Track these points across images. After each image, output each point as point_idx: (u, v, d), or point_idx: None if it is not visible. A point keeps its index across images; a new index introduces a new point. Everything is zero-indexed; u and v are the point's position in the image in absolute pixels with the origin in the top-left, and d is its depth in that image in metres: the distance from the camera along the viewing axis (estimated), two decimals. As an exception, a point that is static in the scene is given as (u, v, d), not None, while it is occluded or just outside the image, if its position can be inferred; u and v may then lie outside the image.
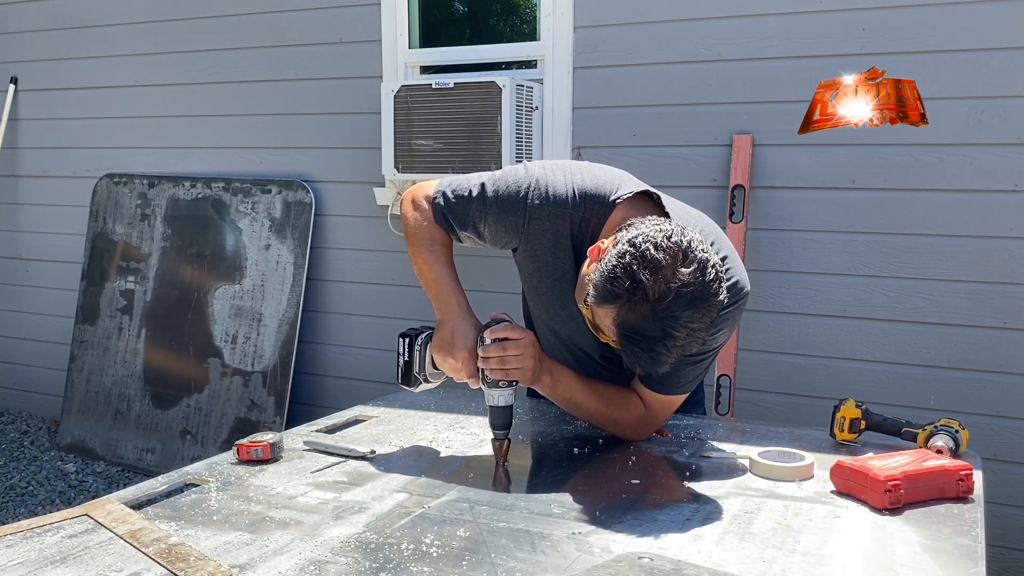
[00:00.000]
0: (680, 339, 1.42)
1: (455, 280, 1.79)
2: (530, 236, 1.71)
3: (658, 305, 1.39)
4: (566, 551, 1.26)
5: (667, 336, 1.41)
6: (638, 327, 1.41)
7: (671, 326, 1.40)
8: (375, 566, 1.21)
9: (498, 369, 1.63)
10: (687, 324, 1.41)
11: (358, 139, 3.79)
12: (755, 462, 1.61)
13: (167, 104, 4.23)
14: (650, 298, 1.39)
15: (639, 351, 1.43)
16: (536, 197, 1.69)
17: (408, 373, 1.78)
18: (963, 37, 2.81)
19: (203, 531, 1.33)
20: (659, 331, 1.40)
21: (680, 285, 1.39)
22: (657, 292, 1.39)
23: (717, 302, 1.44)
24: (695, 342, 1.45)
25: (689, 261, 1.41)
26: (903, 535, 1.32)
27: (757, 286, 3.12)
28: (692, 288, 1.40)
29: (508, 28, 3.94)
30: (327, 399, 3.92)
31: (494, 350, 1.62)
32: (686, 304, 1.40)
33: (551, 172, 1.72)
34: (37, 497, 3.81)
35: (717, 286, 1.44)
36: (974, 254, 2.88)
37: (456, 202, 1.77)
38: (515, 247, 1.77)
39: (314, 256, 3.91)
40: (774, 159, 3.09)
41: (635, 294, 1.40)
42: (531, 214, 1.69)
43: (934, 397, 2.94)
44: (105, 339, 4.29)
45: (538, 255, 1.74)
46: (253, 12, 3.98)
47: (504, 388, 1.65)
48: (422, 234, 1.81)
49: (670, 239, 1.43)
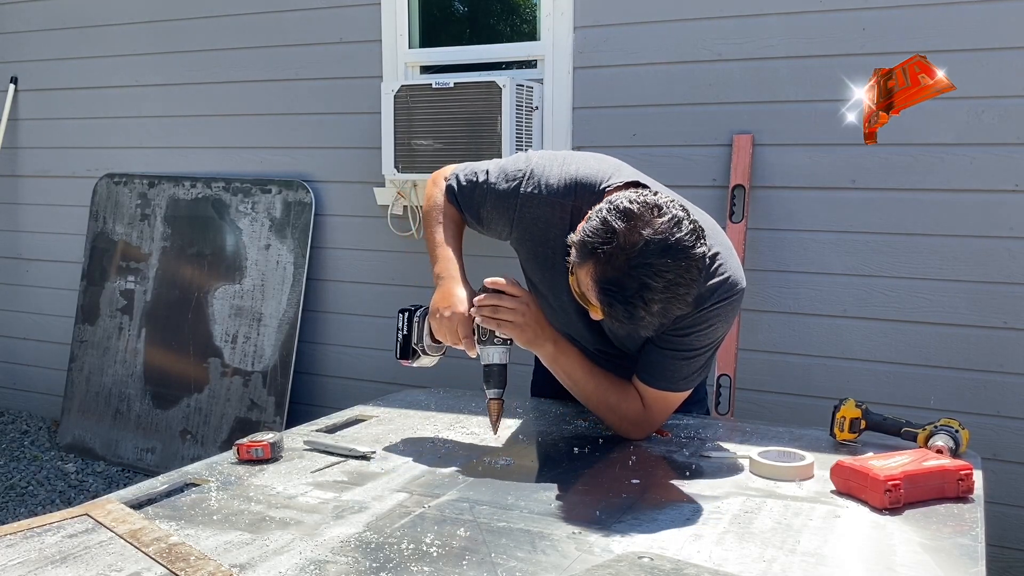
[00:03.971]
0: (657, 290, 1.41)
1: (457, 250, 1.85)
2: (522, 223, 1.76)
3: (631, 252, 1.41)
4: (566, 551, 1.26)
5: (644, 287, 1.41)
6: (615, 279, 1.43)
7: (646, 274, 1.41)
8: (375, 566, 1.21)
9: (490, 318, 1.66)
10: (663, 273, 1.41)
11: (358, 139, 3.79)
12: (755, 462, 1.61)
13: (167, 104, 4.23)
14: (624, 246, 1.41)
15: (618, 306, 1.44)
16: (529, 185, 1.74)
17: (407, 346, 1.81)
18: (963, 37, 2.82)
19: (203, 531, 1.33)
20: (636, 282, 1.41)
21: (653, 232, 1.42)
22: (630, 239, 1.42)
23: (694, 254, 1.44)
24: (676, 300, 1.45)
25: (663, 213, 1.44)
26: (903, 535, 1.32)
27: (757, 286, 3.14)
28: (665, 235, 1.42)
29: (508, 28, 3.94)
30: (327, 399, 3.92)
31: (488, 298, 1.67)
32: (660, 251, 1.41)
33: (547, 161, 1.77)
34: (37, 497, 3.81)
35: (693, 239, 1.45)
36: (974, 254, 2.88)
37: (466, 185, 1.85)
38: (507, 236, 1.82)
39: (314, 256, 3.91)
40: (774, 159, 3.09)
41: (610, 243, 1.42)
42: (522, 202, 1.74)
43: (934, 397, 2.94)
44: (105, 339, 4.29)
45: (529, 243, 1.78)
46: (253, 12, 3.98)
47: (499, 345, 1.69)
48: (435, 210, 1.89)
49: (644, 198, 1.47)
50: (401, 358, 1.84)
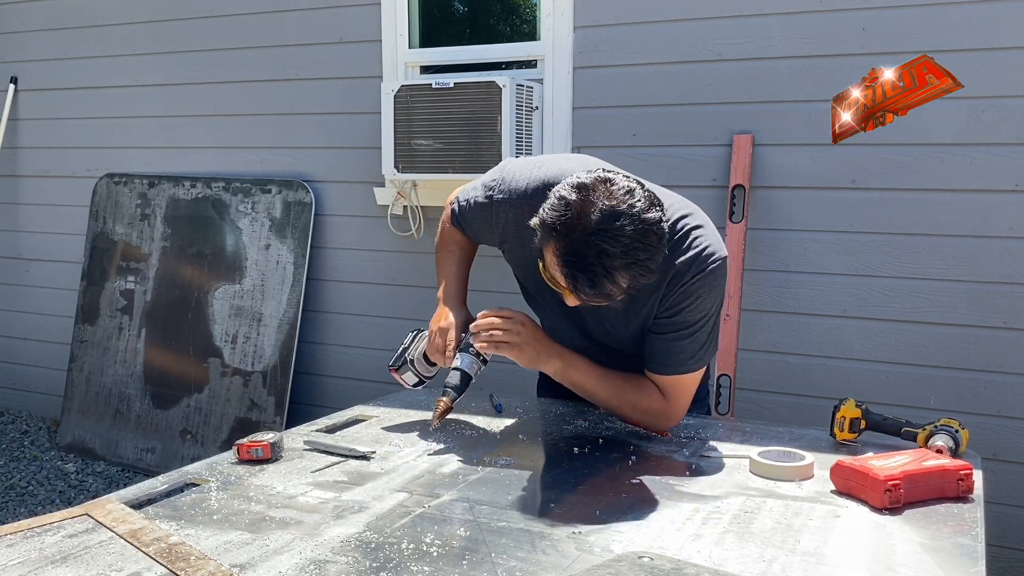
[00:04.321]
0: (615, 255, 1.45)
1: (460, 277, 1.97)
2: (504, 230, 1.83)
3: (587, 221, 1.45)
4: (566, 551, 1.26)
5: (603, 254, 1.45)
6: (575, 250, 1.47)
7: (603, 239, 1.44)
8: (375, 566, 1.21)
9: (487, 343, 1.70)
10: (619, 238, 1.45)
11: (358, 139, 3.79)
12: (755, 462, 1.61)
13: (167, 104, 4.23)
14: (580, 215, 1.46)
15: (582, 277, 1.48)
16: (501, 192, 1.81)
17: (400, 356, 1.94)
18: (963, 37, 2.82)
19: (203, 531, 1.33)
20: (594, 250, 1.45)
21: (607, 200, 1.46)
22: (585, 210, 1.46)
23: (649, 219, 1.48)
24: (637, 266, 1.48)
25: (614, 183, 1.49)
26: (903, 535, 1.32)
27: (757, 286, 3.14)
28: (618, 202, 1.46)
29: (508, 28, 3.94)
30: (327, 399, 3.92)
31: (482, 324, 1.73)
32: (614, 217, 1.45)
33: (519, 167, 1.82)
34: (37, 497, 3.81)
35: (647, 204, 1.49)
36: (974, 254, 2.88)
37: (464, 205, 1.92)
38: (499, 245, 1.88)
39: (314, 256, 3.91)
40: (774, 159, 3.09)
41: (567, 215, 1.47)
42: (496, 208, 1.81)
43: (934, 397, 2.94)
44: (105, 339, 4.29)
45: (512, 248, 1.84)
46: (253, 12, 3.98)
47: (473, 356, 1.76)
48: (443, 236, 2.01)
49: (597, 174, 1.53)
50: (391, 367, 1.95)
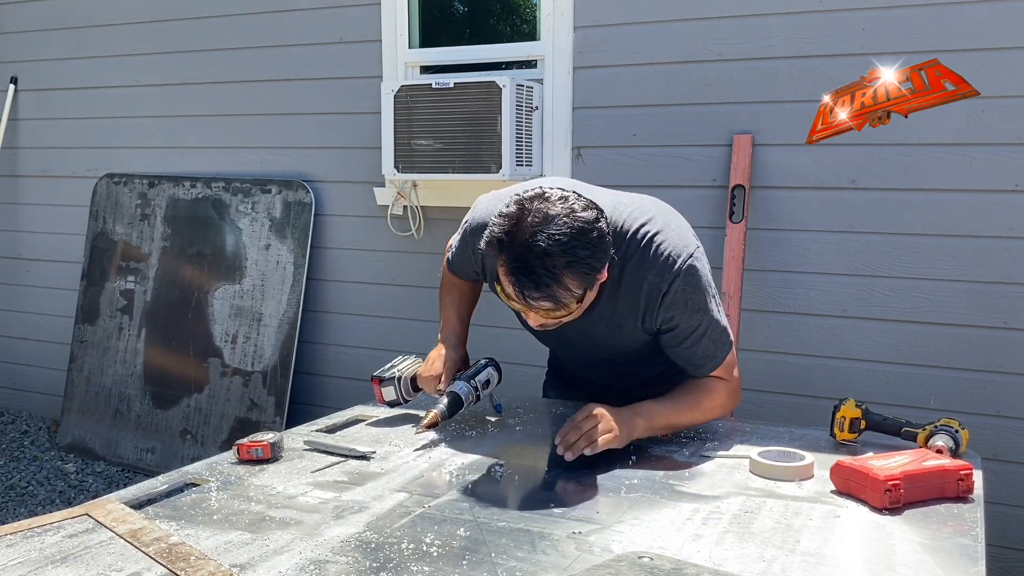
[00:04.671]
0: (556, 255, 1.52)
1: (460, 317, 2.07)
2: (481, 263, 1.91)
3: (524, 226, 1.54)
4: (566, 551, 1.26)
5: (544, 254, 1.52)
6: (518, 256, 1.54)
7: (542, 241, 1.52)
8: (375, 565, 1.21)
9: (590, 444, 1.65)
10: (555, 238, 1.52)
11: (358, 139, 3.79)
12: (755, 462, 1.61)
13: (167, 104, 4.23)
14: (518, 223, 1.55)
15: (526, 282, 1.54)
16: (470, 227, 1.90)
17: (388, 370, 2.01)
18: (963, 37, 2.81)
19: (203, 531, 1.34)
20: (536, 252, 1.52)
21: (542, 206, 1.56)
22: (523, 217, 1.55)
23: (583, 217, 1.56)
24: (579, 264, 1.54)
25: (548, 195, 1.59)
26: (903, 535, 1.32)
27: (757, 286, 3.14)
28: (551, 205, 1.56)
29: (508, 28, 3.94)
30: (327, 399, 3.92)
31: (573, 432, 1.67)
32: (549, 220, 1.54)
33: (487, 200, 1.91)
34: (37, 497, 3.81)
35: (580, 206, 1.57)
36: (974, 254, 2.88)
37: (452, 249, 2.03)
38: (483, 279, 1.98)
39: (314, 256, 3.91)
40: (774, 159, 3.09)
41: (506, 225, 1.56)
42: (472, 243, 1.86)
43: (934, 397, 2.94)
44: (105, 339, 4.29)
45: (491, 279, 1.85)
46: (253, 12, 3.98)
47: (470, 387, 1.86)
48: (443, 281, 2.12)
49: (532, 191, 1.62)
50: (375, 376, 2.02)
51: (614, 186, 2.02)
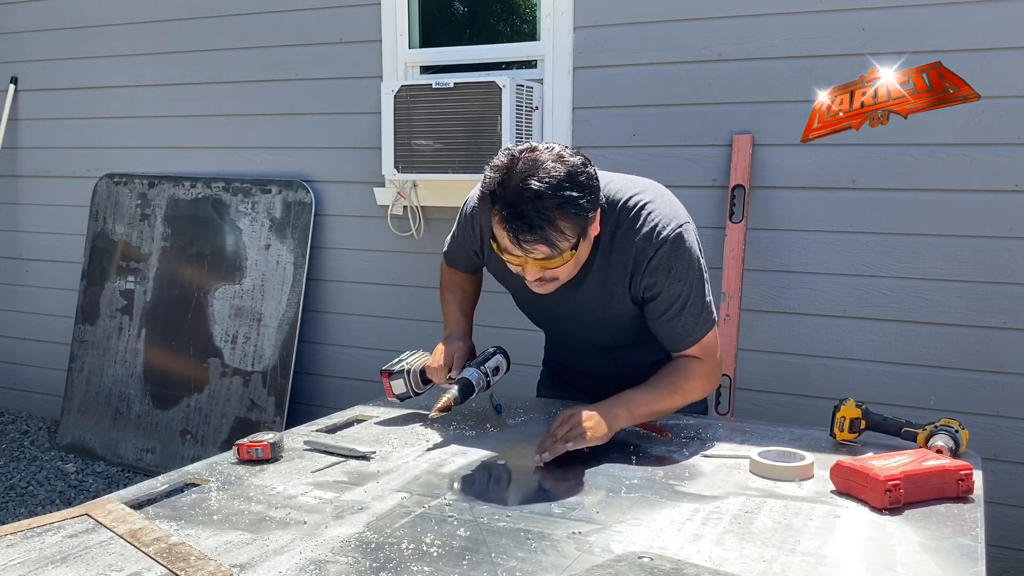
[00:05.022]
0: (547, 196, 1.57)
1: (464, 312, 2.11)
2: (481, 238, 1.93)
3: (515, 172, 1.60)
4: (566, 551, 1.26)
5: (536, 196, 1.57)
6: (510, 202, 1.59)
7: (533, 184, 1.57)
8: (375, 566, 1.21)
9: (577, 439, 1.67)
10: (545, 180, 1.58)
11: (358, 139, 3.79)
12: (755, 462, 1.61)
13: (167, 104, 4.23)
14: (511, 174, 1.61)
15: (520, 225, 1.59)
16: (471, 204, 1.95)
17: (397, 363, 2.01)
18: (963, 37, 2.81)
19: (203, 531, 1.34)
20: (527, 195, 1.58)
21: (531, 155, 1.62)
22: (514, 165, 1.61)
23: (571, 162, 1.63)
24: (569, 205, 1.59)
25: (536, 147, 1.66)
26: (903, 535, 1.32)
27: (757, 286, 3.14)
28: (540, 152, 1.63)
29: (508, 28, 3.94)
30: (327, 399, 3.92)
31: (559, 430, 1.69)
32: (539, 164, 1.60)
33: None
34: (37, 497, 3.81)
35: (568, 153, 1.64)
36: (974, 254, 2.88)
37: (450, 238, 2.09)
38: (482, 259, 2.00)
39: (314, 256, 3.91)
40: (774, 159, 3.09)
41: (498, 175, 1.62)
42: (472, 219, 1.93)
43: (934, 397, 2.94)
44: (105, 339, 4.29)
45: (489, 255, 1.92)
46: (253, 12, 3.98)
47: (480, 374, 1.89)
48: (443, 281, 2.16)
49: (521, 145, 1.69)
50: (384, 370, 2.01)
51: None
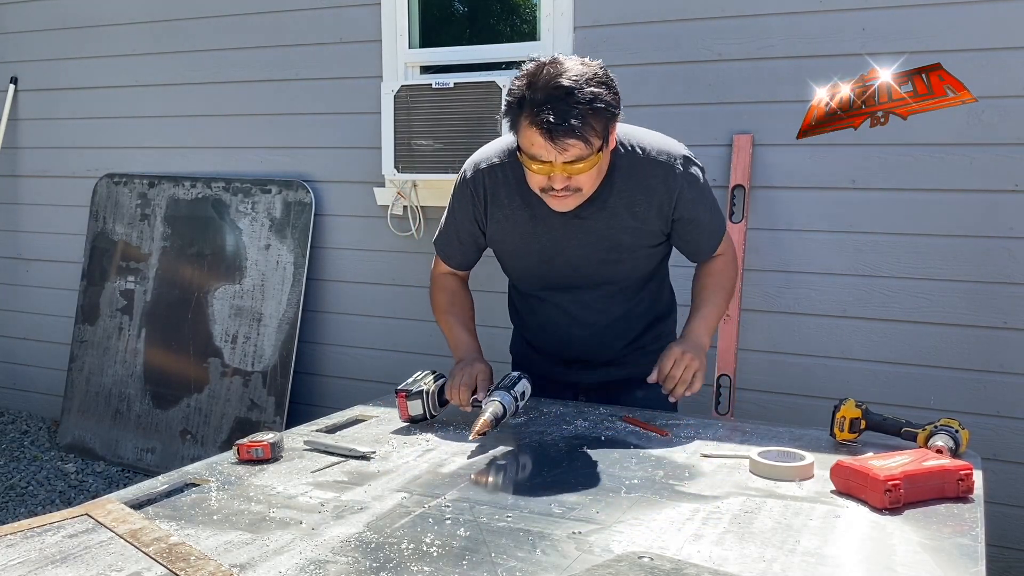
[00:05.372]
0: (576, 90, 1.68)
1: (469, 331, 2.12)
2: (485, 200, 1.99)
3: (541, 74, 1.71)
4: (566, 551, 1.26)
5: (567, 93, 1.68)
6: (540, 101, 1.68)
7: (561, 80, 1.68)
8: (375, 566, 1.21)
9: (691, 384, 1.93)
10: (572, 77, 1.70)
11: (358, 139, 3.79)
12: (755, 462, 1.61)
13: (167, 104, 4.23)
14: (535, 74, 1.72)
15: (554, 118, 1.66)
16: (469, 171, 2.03)
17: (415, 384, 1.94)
18: (963, 37, 2.81)
19: (203, 531, 1.34)
20: (558, 93, 1.68)
21: (553, 60, 1.75)
22: (538, 69, 1.73)
23: (592, 63, 1.77)
24: (597, 100, 1.71)
25: (555, 57, 1.77)
26: (903, 535, 1.32)
27: (757, 286, 3.14)
28: (560, 58, 1.76)
29: (508, 28, 3.94)
30: (327, 399, 3.92)
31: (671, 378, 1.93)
32: (560, 63, 1.73)
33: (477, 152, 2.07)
34: (37, 497, 3.81)
35: (584, 59, 1.78)
36: (974, 254, 2.88)
37: (440, 233, 2.13)
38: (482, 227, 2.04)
39: (314, 256, 3.91)
40: (774, 159, 3.09)
41: (524, 80, 1.73)
42: (474, 182, 2.00)
43: (934, 397, 2.94)
44: (105, 339, 4.29)
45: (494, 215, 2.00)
46: (253, 12, 3.98)
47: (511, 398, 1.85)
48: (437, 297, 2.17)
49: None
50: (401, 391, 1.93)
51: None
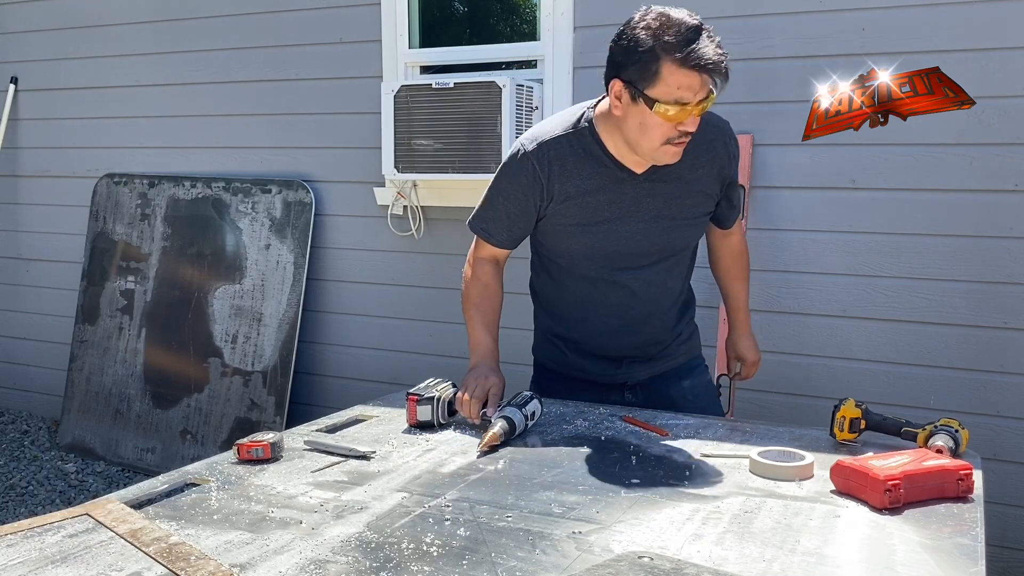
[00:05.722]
0: (701, 25, 1.82)
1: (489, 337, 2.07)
2: (549, 172, 1.96)
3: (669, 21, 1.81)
4: (566, 551, 1.26)
5: (698, 29, 1.81)
6: (687, 40, 1.78)
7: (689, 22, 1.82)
8: (375, 565, 1.21)
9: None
10: (691, 15, 1.84)
11: (358, 139, 3.79)
12: (755, 462, 1.61)
13: (167, 104, 4.23)
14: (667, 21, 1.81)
15: (706, 50, 1.78)
16: (530, 145, 1.99)
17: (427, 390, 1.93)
18: (963, 37, 2.82)
19: (203, 530, 1.34)
20: (697, 31, 1.80)
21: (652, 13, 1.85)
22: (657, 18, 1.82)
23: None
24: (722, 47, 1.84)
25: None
26: (903, 535, 1.32)
27: (757, 286, 3.13)
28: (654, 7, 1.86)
29: (508, 28, 3.94)
30: (327, 399, 3.92)
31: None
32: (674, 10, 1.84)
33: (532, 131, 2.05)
34: (37, 497, 3.81)
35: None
36: (974, 254, 2.88)
37: (481, 211, 2.08)
38: (543, 208, 2.00)
39: (314, 256, 3.91)
40: (774, 159, 3.09)
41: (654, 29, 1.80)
42: (536, 157, 1.97)
43: (934, 397, 2.94)
44: (105, 339, 4.29)
45: (561, 188, 1.97)
46: (253, 12, 3.98)
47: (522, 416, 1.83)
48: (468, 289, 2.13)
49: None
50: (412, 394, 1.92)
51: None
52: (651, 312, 2.11)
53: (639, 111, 1.82)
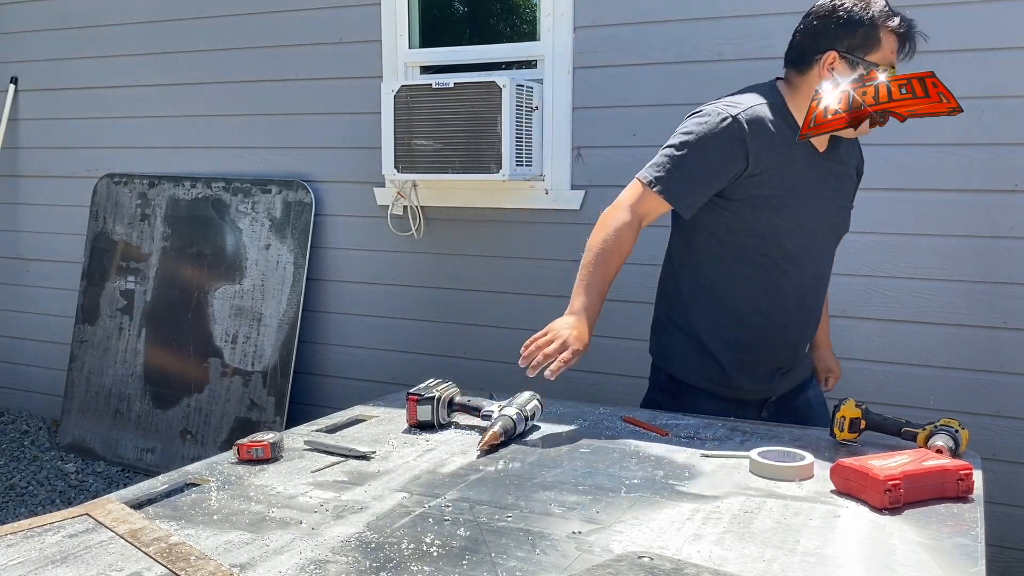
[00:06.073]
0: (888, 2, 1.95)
1: (599, 297, 1.96)
2: (756, 141, 1.94)
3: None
4: (566, 551, 1.26)
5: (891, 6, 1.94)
6: (893, 12, 1.93)
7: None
8: (375, 565, 1.21)
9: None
10: None
11: (358, 139, 3.79)
12: (755, 462, 1.61)
13: (167, 104, 4.23)
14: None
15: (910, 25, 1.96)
16: (737, 112, 1.95)
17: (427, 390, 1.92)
18: (963, 37, 2.81)
19: (203, 530, 1.34)
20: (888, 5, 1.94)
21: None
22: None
23: None
24: None
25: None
26: (903, 535, 1.32)
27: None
28: None
29: (508, 28, 3.94)
30: (327, 399, 3.92)
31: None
32: None
33: (729, 100, 2.01)
34: (37, 497, 3.81)
35: None
36: (974, 254, 2.88)
37: (663, 167, 1.99)
38: (743, 172, 1.96)
39: (314, 256, 3.92)
40: (774, 159, 3.09)
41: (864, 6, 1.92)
42: (750, 123, 1.95)
43: (934, 397, 2.94)
44: (105, 339, 4.29)
45: (766, 157, 1.95)
46: (253, 12, 3.98)
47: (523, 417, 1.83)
48: (603, 235, 1.98)
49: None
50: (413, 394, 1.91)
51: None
52: (818, 304, 2.17)
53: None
